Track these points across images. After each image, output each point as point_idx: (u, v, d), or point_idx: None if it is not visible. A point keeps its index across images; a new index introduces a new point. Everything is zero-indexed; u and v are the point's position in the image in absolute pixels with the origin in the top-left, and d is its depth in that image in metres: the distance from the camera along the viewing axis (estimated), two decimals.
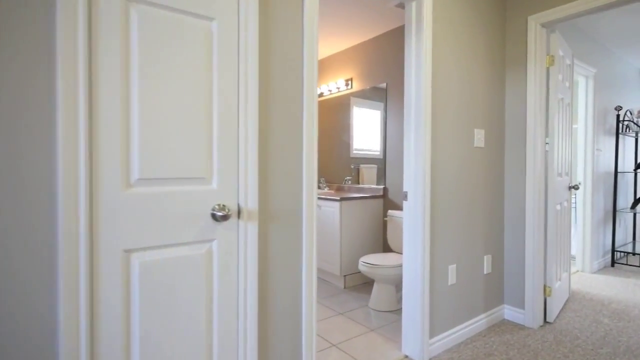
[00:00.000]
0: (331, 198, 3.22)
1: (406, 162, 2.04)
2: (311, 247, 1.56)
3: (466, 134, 2.26)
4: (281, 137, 1.46)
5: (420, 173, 1.97)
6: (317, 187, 4.62)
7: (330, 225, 3.26)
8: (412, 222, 2.01)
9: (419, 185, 1.98)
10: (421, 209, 1.97)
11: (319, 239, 3.39)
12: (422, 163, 1.97)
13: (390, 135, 3.37)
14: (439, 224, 2.09)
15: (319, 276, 3.51)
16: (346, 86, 3.89)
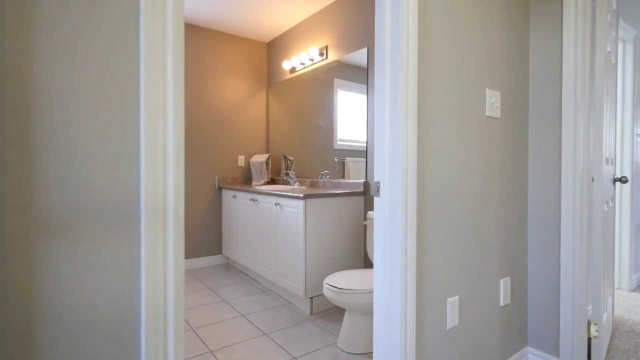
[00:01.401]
0: (291, 195, 2.45)
1: (378, 136, 1.28)
2: None
3: (474, 96, 1.49)
4: None
5: (399, 152, 1.20)
6: (283, 181, 3.89)
7: (292, 230, 2.49)
8: (387, 230, 1.24)
9: (397, 172, 1.21)
10: (401, 208, 1.20)
11: (279, 249, 2.63)
12: (402, 136, 1.20)
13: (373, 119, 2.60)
14: (431, 234, 1.32)
15: (279, 298, 2.73)
16: (321, 56, 3.12)
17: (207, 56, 3.56)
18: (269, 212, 2.78)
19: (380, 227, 1.27)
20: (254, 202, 3.00)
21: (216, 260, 3.64)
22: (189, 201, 3.48)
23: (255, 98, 3.89)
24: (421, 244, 1.28)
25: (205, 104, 3.55)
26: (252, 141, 3.88)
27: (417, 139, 1.26)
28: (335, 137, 3.02)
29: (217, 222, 3.65)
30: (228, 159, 3.72)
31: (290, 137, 3.57)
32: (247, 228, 3.14)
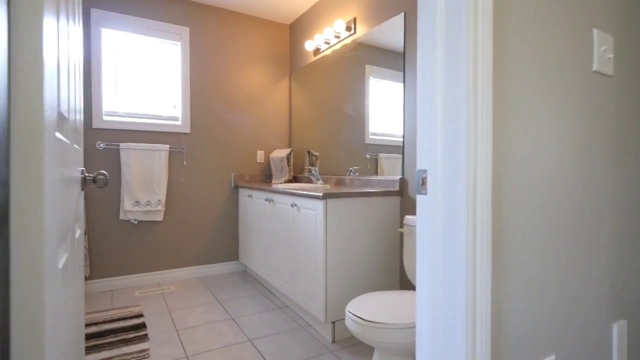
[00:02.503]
0: (308, 194, 1.99)
1: (423, 103, 0.78)
2: None
3: (573, 41, 0.95)
4: None
5: (462, 123, 0.70)
6: (306, 179, 3.43)
7: (310, 237, 2.03)
8: (440, 245, 0.75)
9: (458, 154, 0.71)
10: (466, 213, 0.70)
11: (295, 259, 2.17)
12: (468, 98, 0.70)
13: (411, 108, 2.08)
14: (512, 257, 0.81)
15: (297, 318, 2.27)
16: (348, 31, 2.64)
17: (224, 40, 3.19)
18: (284, 214, 2.34)
19: (426, 239, 0.78)
20: (269, 202, 2.58)
21: (232, 268, 3.26)
22: (202, 201, 3.12)
23: (276, 86, 3.48)
24: (498, 273, 0.77)
25: (221, 94, 3.19)
26: (272, 135, 3.47)
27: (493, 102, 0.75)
28: (367, 131, 2.53)
29: (234, 225, 3.27)
30: (246, 154, 3.33)
31: (316, 130, 3.12)
32: (262, 232, 2.72)
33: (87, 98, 2.68)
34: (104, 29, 2.74)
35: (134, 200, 2.78)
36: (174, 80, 3.03)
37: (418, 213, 0.80)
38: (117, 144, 2.75)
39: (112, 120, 2.77)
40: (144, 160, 2.81)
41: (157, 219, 2.88)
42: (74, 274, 0.84)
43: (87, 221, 2.69)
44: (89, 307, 2.44)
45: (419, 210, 0.79)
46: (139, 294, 2.68)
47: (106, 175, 1.02)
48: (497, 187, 0.76)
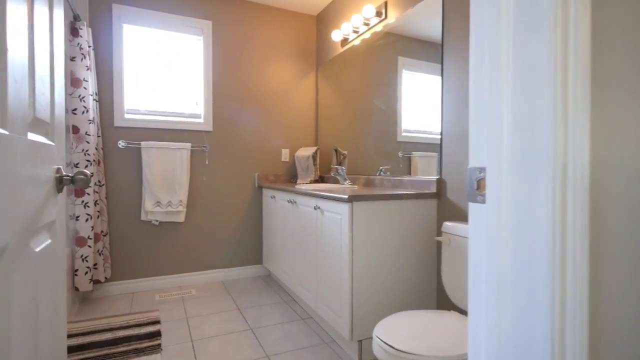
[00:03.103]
0: (332, 196, 1.78)
1: (477, 74, 0.55)
2: None
3: None
4: None
5: (545, 101, 0.47)
6: (333, 179, 3.21)
7: (334, 244, 1.82)
8: (507, 271, 0.51)
9: (537, 148, 0.47)
10: (553, 232, 0.46)
11: (319, 267, 1.97)
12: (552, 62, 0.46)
13: (450, 102, 1.82)
14: (616, 295, 0.55)
15: (320, 332, 2.07)
16: (378, 17, 2.40)
17: (247, 34, 3.05)
18: (307, 217, 2.15)
19: (486, 258, 0.55)
20: (292, 204, 2.39)
21: (255, 272, 3.12)
22: (225, 201, 3.00)
23: (302, 81, 3.29)
24: (598, 309, 0.53)
25: (244, 90, 3.05)
26: (298, 132, 3.29)
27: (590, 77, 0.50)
28: (399, 128, 2.28)
29: (257, 227, 3.13)
30: (270, 153, 3.18)
31: (343, 127, 2.91)
32: (285, 236, 2.54)
33: (109, 96, 2.62)
34: (126, 25, 2.68)
35: (155, 201, 2.69)
36: (196, 76, 2.92)
37: (472, 225, 0.57)
38: (138, 143, 2.68)
39: (133, 118, 2.71)
40: (165, 159, 2.72)
41: (179, 220, 2.78)
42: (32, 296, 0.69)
43: (108, 222, 2.63)
44: (108, 310, 2.37)
45: (474, 221, 0.56)
46: (159, 298, 2.59)
47: (87, 175, 0.87)
48: (594, 196, 0.51)
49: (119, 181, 2.66)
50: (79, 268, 2.30)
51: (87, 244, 2.32)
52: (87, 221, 2.32)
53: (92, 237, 2.36)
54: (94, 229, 2.41)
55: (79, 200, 2.31)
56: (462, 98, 1.74)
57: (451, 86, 1.81)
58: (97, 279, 2.46)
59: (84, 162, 2.32)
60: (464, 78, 1.72)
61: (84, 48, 2.34)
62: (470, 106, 0.58)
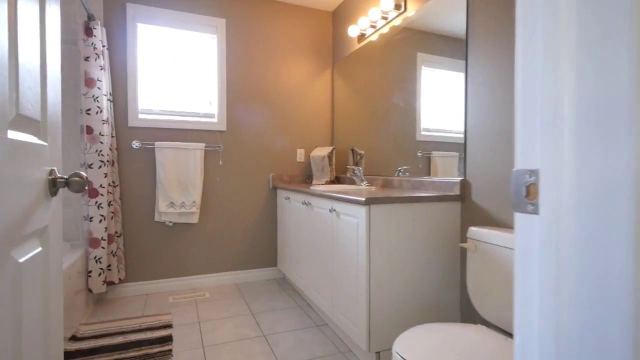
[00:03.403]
0: (348, 198, 1.68)
1: (528, 60, 0.44)
2: None
3: None
4: None
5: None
6: (349, 179, 3.10)
7: (351, 249, 1.72)
8: (570, 291, 0.41)
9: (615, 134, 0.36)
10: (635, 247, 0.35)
11: (335, 273, 1.88)
12: None
13: (476, 98, 1.69)
14: None
15: (336, 340, 1.97)
16: (397, 10, 2.29)
17: (262, 31, 2.99)
18: (322, 220, 2.06)
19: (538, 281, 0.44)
20: (306, 205, 2.31)
21: (270, 274, 3.05)
22: (239, 202, 2.94)
23: (318, 79, 3.21)
24: None
25: (259, 89, 2.99)
26: (313, 132, 3.21)
27: None
28: (418, 127, 2.17)
29: (272, 229, 3.06)
30: (285, 153, 3.10)
31: (360, 126, 2.81)
32: (300, 239, 2.46)
33: (123, 96, 2.60)
34: (140, 24, 2.65)
35: (168, 202, 2.66)
36: (210, 75, 2.88)
37: (520, 240, 0.47)
38: (152, 143, 2.65)
39: (147, 118, 2.68)
40: (179, 160, 2.69)
41: (192, 221, 2.74)
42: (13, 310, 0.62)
43: (123, 223, 2.61)
44: (122, 312, 2.34)
45: (523, 236, 0.46)
46: (173, 300, 2.55)
47: (82, 177, 0.80)
48: None
49: (133, 182, 2.64)
50: (93, 269, 2.29)
51: (100, 245, 2.30)
52: (100, 222, 2.30)
53: (106, 238, 2.34)
54: (108, 230, 2.39)
55: (92, 201, 2.29)
56: (489, 95, 1.62)
57: (477, 83, 1.68)
58: (111, 280, 2.44)
59: (97, 163, 2.30)
60: (492, 74, 1.60)
61: (97, 48, 2.32)
62: (517, 99, 0.48)
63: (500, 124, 1.56)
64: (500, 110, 1.56)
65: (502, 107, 1.54)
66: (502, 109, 1.55)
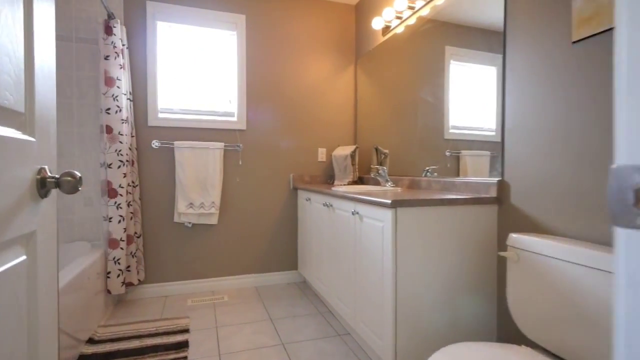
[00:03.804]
0: (373, 200, 1.55)
1: None
2: None
3: None
4: None
5: None
6: (373, 180, 2.95)
7: (375, 254, 1.59)
8: None
9: None
10: None
11: (357, 280, 1.75)
12: None
13: (517, 94, 1.52)
14: None
15: (359, 352, 1.84)
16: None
17: (282, 27, 2.90)
18: (344, 223, 1.94)
19: None
20: (327, 207, 2.19)
21: (290, 278, 2.95)
22: (259, 203, 2.86)
23: (340, 75, 3.09)
24: None
25: (279, 86, 2.90)
26: (335, 130, 3.09)
27: None
28: (446, 124, 2.02)
29: (293, 231, 2.96)
30: (306, 152, 3.00)
31: (384, 124, 2.66)
32: (321, 242, 2.35)
33: (143, 95, 2.57)
34: (160, 22, 2.62)
35: (187, 202, 2.61)
36: (230, 73, 2.81)
37: (626, 263, 0.33)
38: (171, 143, 2.61)
39: (167, 117, 2.64)
40: (198, 160, 2.63)
41: (212, 222, 2.68)
42: None
43: (142, 223, 2.58)
44: (140, 314, 2.31)
45: (629, 257, 0.33)
46: (191, 303, 2.50)
47: (75, 176, 0.72)
48: None
49: (152, 182, 2.61)
50: (111, 270, 2.26)
51: (119, 246, 2.27)
52: (119, 223, 2.27)
53: (125, 239, 2.31)
54: (127, 230, 2.36)
55: (112, 202, 2.26)
56: (534, 89, 1.44)
57: (518, 76, 1.51)
58: (130, 281, 2.42)
59: (117, 163, 2.28)
60: (536, 65, 1.42)
61: (117, 46, 2.30)
62: (617, 84, 0.34)
63: (547, 119, 1.38)
64: (548, 104, 1.38)
65: (551, 101, 1.37)
66: (550, 103, 1.37)
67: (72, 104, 2.43)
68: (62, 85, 2.41)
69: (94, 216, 2.48)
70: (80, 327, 1.84)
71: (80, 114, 2.45)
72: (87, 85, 2.45)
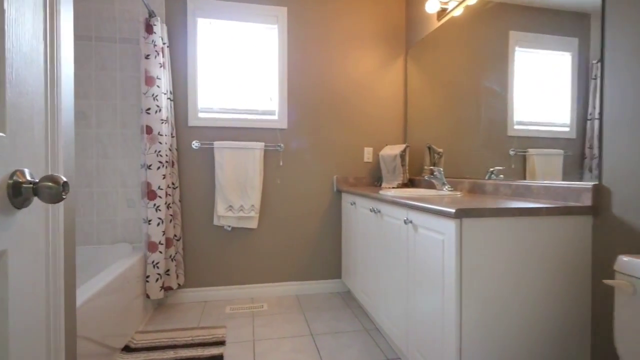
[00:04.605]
0: (431, 207, 1.29)
1: None
2: None
3: None
4: None
5: None
6: (426, 182, 2.48)
7: (434, 272, 1.33)
8: None
9: None
10: None
11: (410, 298, 1.50)
12: None
13: (623, 80, 1.19)
14: None
15: None
16: None
17: (326, 18, 2.71)
18: (395, 232, 1.69)
19: None
20: (375, 213, 1.96)
21: (334, 287, 2.75)
22: (300, 207, 2.69)
23: (388, 68, 2.83)
24: None
25: (322, 82, 2.71)
26: (383, 128, 2.84)
27: None
28: (510, 119, 1.72)
29: (336, 236, 2.76)
30: (351, 152, 2.78)
31: (438, 120, 2.37)
32: (367, 251, 2.12)
33: (183, 95, 2.51)
34: (200, 19, 2.54)
35: (227, 205, 2.51)
36: (270, 69, 2.68)
37: None
38: (211, 143, 2.52)
39: (207, 117, 2.56)
40: (238, 160, 2.52)
41: (251, 226, 2.56)
42: None
43: (182, 226, 2.52)
44: (178, 320, 2.23)
45: None
46: (230, 310, 2.38)
47: (57, 181, 0.57)
48: None
49: (193, 184, 2.54)
50: (150, 274, 2.20)
51: (158, 250, 2.21)
52: (158, 225, 2.21)
53: (164, 242, 2.24)
54: (166, 233, 2.30)
55: (151, 204, 2.21)
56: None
57: (622, 59, 1.18)
58: (169, 285, 2.35)
59: (156, 164, 2.22)
60: None
61: (157, 45, 2.24)
62: None
63: None
64: None
65: None
66: None
67: (116, 104, 2.42)
68: (106, 87, 2.41)
69: (136, 218, 2.46)
70: (117, 332, 1.78)
71: (123, 114, 2.43)
72: (130, 85, 2.43)
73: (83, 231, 2.41)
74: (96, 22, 2.39)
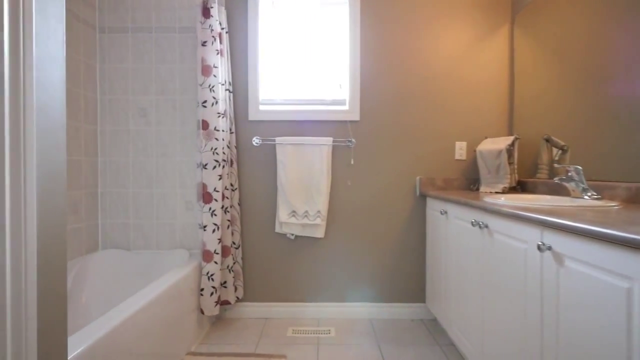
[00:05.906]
0: (612, 234, 0.76)
1: None
2: None
3: None
4: None
5: None
6: (551, 186, 1.79)
7: (597, 335, 0.80)
8: None
9: None
10: None
11: (538, 353, 0.98)
12: None
13: None
14: None
15: None
16: None
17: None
18: (515, 259, 1.17)
19: None
20: (480, 228, 1.44)
21: (415, 313, 2.26)
22: (375, 214, 2.26)
23: (487, 43, 2.25)
24: None
25: (402, 64, 2.24)
26: (480, 118, 2.26)
27: None
28: None
29: (419, 251, 2.26)
30: (438, 148, 2.26)
31: (562, 105, 1.75)
32: (462, 275, 1.60)
33: (243, 86, 2.25)
34: (262, 1, 2.26)
35: (290, 210, 2.18)
36: (341, 53, 2.28)
37: None
38: (273, 139, 2.22)
39: (268, 110, 2.27)
40: (302, 159, 2.18)
41: (317, 235, 2.20)
42: None
43: (241, 233, 2.26)
44: (235, 340, 1.96)
45: None
46: (292, 333, 2.05)
47: None
48: None
49: (253, 185, 2.26)
50: (205, 287, 1.96)
51: (213, 260, 1.96)
52: (213, 232, 1.97)
53: (219, 251, 1.99)
54: (223, 241, 2.05)
55: (206, 207, 1.97)
56: None
57: None
58: (226, 299, 2.10)
59: (212, 163, 1.97)
60: None
61: (215, 30, 2.00)
62: None
63: None
64: None
65: None
66: None
67: (175, 99, 2.25)
68: (165, 81, 2.25)
69: (193, 222, 2.26)
70: (166, 352, 1.55)
71: (182, 110, 2.26)
72: (189, 77, 2.24)
73: (143, 235, 2.28)
74: (156, 12, 2.24)
